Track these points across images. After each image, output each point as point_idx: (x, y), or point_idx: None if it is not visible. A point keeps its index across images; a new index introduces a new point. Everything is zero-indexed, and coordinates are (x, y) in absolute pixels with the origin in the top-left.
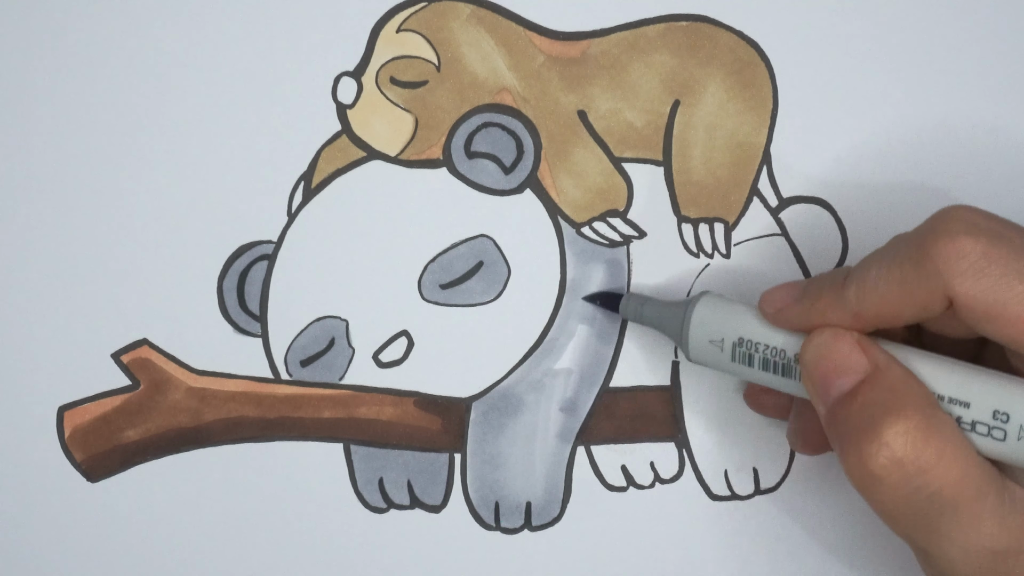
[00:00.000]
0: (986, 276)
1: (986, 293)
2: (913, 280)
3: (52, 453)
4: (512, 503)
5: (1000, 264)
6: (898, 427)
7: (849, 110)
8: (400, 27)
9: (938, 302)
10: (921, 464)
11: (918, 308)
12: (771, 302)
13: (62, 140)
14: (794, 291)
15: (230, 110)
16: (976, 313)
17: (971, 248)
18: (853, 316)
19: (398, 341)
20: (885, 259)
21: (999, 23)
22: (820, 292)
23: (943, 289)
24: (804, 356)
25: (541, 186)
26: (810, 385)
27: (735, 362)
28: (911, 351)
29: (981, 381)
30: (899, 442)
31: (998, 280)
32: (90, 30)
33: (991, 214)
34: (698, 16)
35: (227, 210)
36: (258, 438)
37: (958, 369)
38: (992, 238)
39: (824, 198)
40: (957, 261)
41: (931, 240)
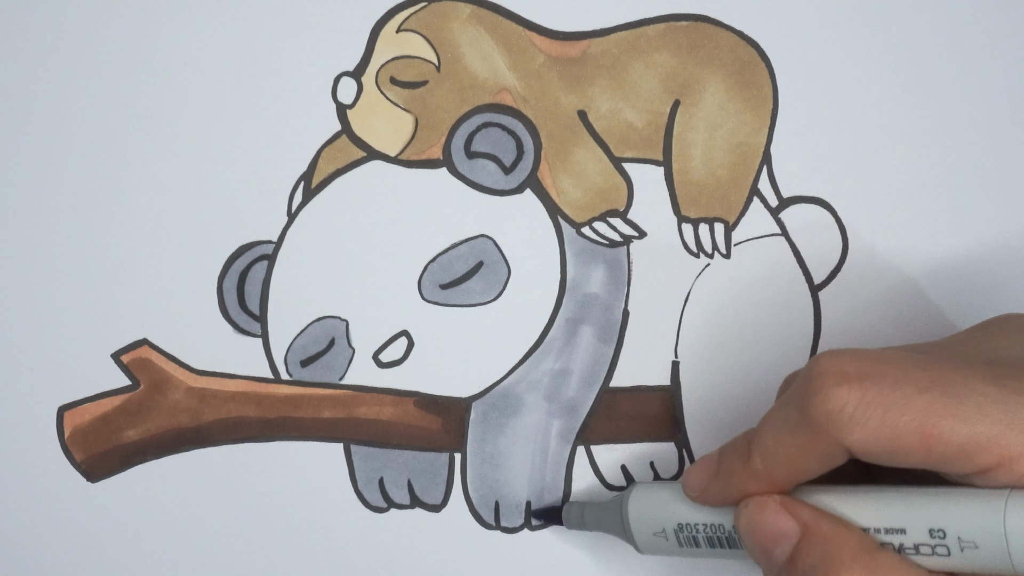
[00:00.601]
0: (870, 420)
1: (876, 436)
2: (807, 442)
3: (52, 453)
4: (512, 503)
5: (879, 406)
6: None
7: (849, 110)
8: (400, 27)
9: (839, 454)
10: None
11: (822, 463)
12: (692, 485)
13: (62, 140)
14: (709, 468)
15: (230, 110)
16: (875, 456)
17: (846, 398)
18: (767, 483)
19: (398, 341)
20: (777, 425)
21: (999, 23)
22: (731, 466)
23: (836, 444)
24: (739, 530)
25: (541, 186)
26: (753, 557)
27: (683, 547)
28: (836, 492)
29: (910, 504)
30: None
31: (883, 420)
32: (90, 30)
33: (859, 353)
34: (698, 16)
35: (227, 210)
36: (258, 438)
37: (885, 498)
38: (863, 382)
39: (824, 198)
40: (838, 415)
41: (808, 401)
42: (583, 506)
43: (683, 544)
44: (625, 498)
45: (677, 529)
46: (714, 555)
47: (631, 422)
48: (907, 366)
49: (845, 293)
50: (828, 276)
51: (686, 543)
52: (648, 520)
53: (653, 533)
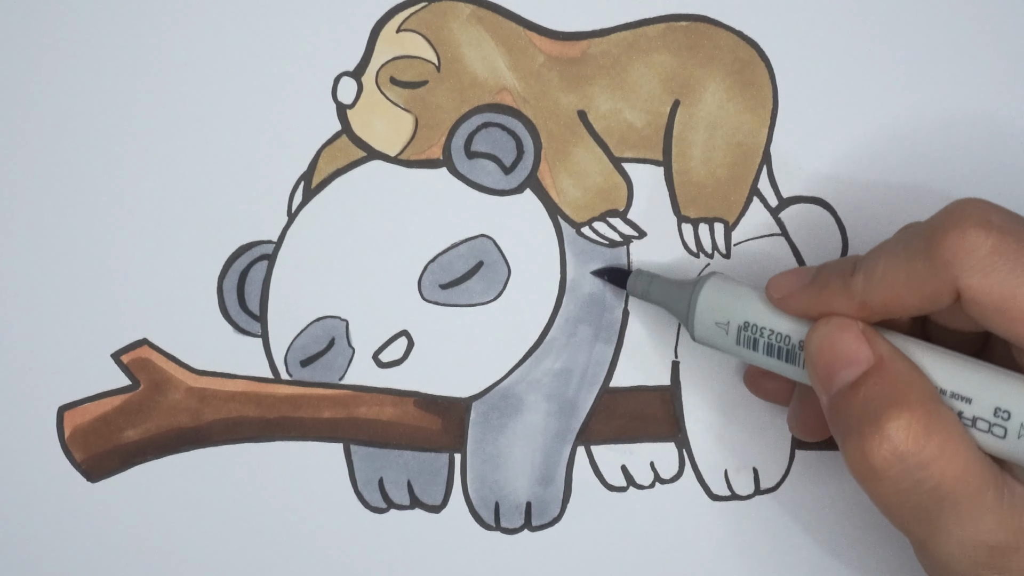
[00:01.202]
0: (996, 271)
1: (995, 288)
2: (922, 272)
3: (52, 453)
4: (512, 503)
5: (1010, 259)
6: (900, 420)
7: (849, 110)
8: (400, 27)
9: (946, 295)
10: (922, 458)
11: (926, 300)
12: (778, 287)
13: (62, 140)
14: (802, 278)
15: (230, 110)
16: (984, 308)
17: (981, 242)
18: (860, 305)
19: (398, 341)
20: (894, 250)
21: (999, 22)
22: (828, 280)
23: (952, 282)
24: (809, 345)
25: (541, 186)
26: (814, 374)
27: (739, 345)
28: (916, 343)
29: (984, 377)
30: (901, 436)
31: (1007, 275)
32: (90, 30)
33: (1004, 209)
34: (698, 16)
35: (227, 210)
36: (258, 438)
37: (961, 364)
38: (1003, 233)
39: (824, 198)
40: (967, 255)
41: (941, 233)
42: (652, 277)
43: (741, 343)
44: (701, 282)
45: (742, 326)
46: (765, 363)
47: (631, 422)
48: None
49: None
50: None
51: (744, 343)
52: (717, 308)
53: (716, 322)
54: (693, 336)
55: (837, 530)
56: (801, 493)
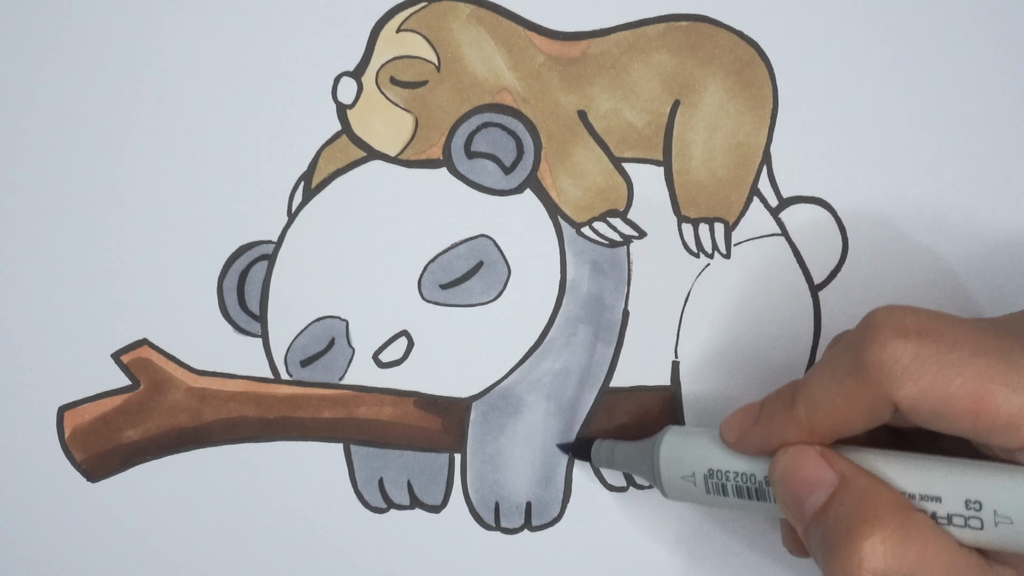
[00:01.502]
0: (922, 377)
1: (926, 394)
2: (855, 392)
3: (52, 453)
4: (512, 503)
5: (934, 362)
6: (874, 538)
7: (849, 110)
8: (400, 27)
9: (884, 409)
10: (906, 569)
11: (867, 416)
12: (730, 431)
13: (62, 140)
14: (750, 415)
15: (230, 110)
16: (921, 414)
17: (902, 352)
18: (808, 433)
19: (398, 341)
20: (825, 373)
21: (999, 23)
22: (773, 414)
23: (885, 396)
24: (773, 476)
25: (541, 186)
26: (784, 505)
27: (710, 494)
28: (875, 453)
29: (949, 473)
30: (878, 552)
31: (934, 379)
32: (90, 30)
33: (919, 311)
34: (698, 16)
35: (227, 210)
36: (258, 438)
37: (924, 465)
38: (921, 337)
39: (824, 198)
40: (891, 367)
41: (862, 349)
42: (614, 444)
43: (711, 491)
44: (658, 440)
45: (707, 475)
46: (740, 506)
47: (631, 422)
48: (966, 328)
49: (845, 293)
50: (828, 276)
51: (714, 490)
52: (679, 463)
53: (682, 477)
54: (666, 496)
55: None
56: None
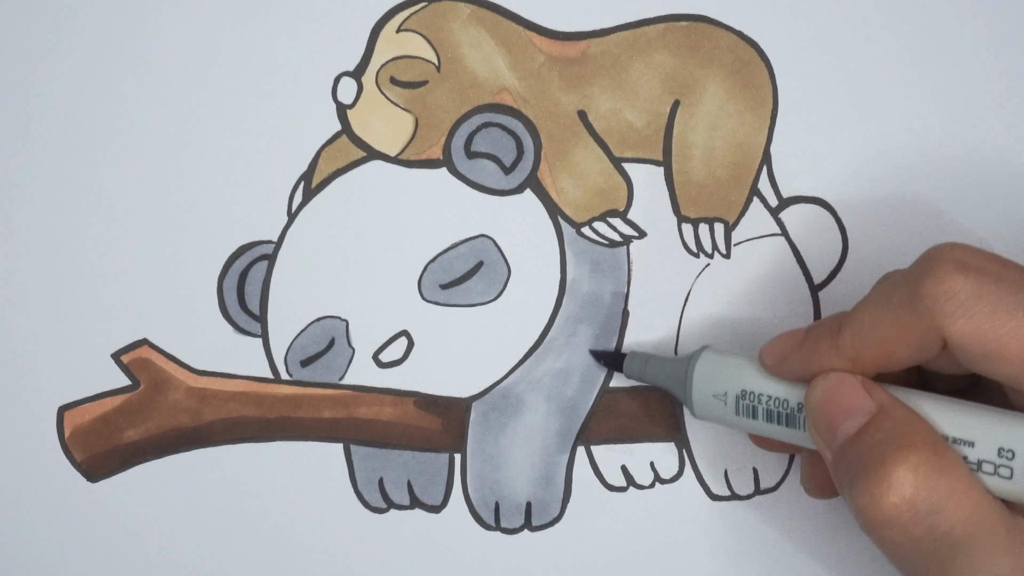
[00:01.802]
0: (977, 314)
1: (978, 332)
2: (906, 323)
3: (52, 453)
4: (512, 503)
5: (990, 301)
6: (908, 464)
7: (849, 110)
8: (400, 27)
9: (933, 343)
10: (933, 502)
11: (914, 350)
12: (771, 353)
13: (62, 140)
14: (793, 340)
15: (230, 110)
16: (970, 352)
17: (960, 287)
18: (851, 362)
19: (398, 341)
20: (877, 303)
21: (999, 24)
22: (817, 340)
23: (936, 330)
24: (809, 400)
25: (541, 186)
26: (816, 430)
27: (739, 415)
28: (913, 393)
29: (985, 419)
30: (909, 479)
31: (989, 318)
32: (90, 30)
33: (980, 250)
34: (698, 16)
35: (227, 210)
36: (258, 438)
37: (961, 408)
38: (980, 275)
39: (824, 198)
40: (947, 301)
41: (919, 281)
42: (648, 357)
43: (740, 412)
44: (695, 356)
45: (740, 395)
46: (766, 431)
47: (631, 422)
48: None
49: (845, 293)
50: (828, 276)
51: (744, 412)
52: (713, 380)
53: (713, 395)
54: (693, 412)
55: (837, 530)
56: (801, 493)
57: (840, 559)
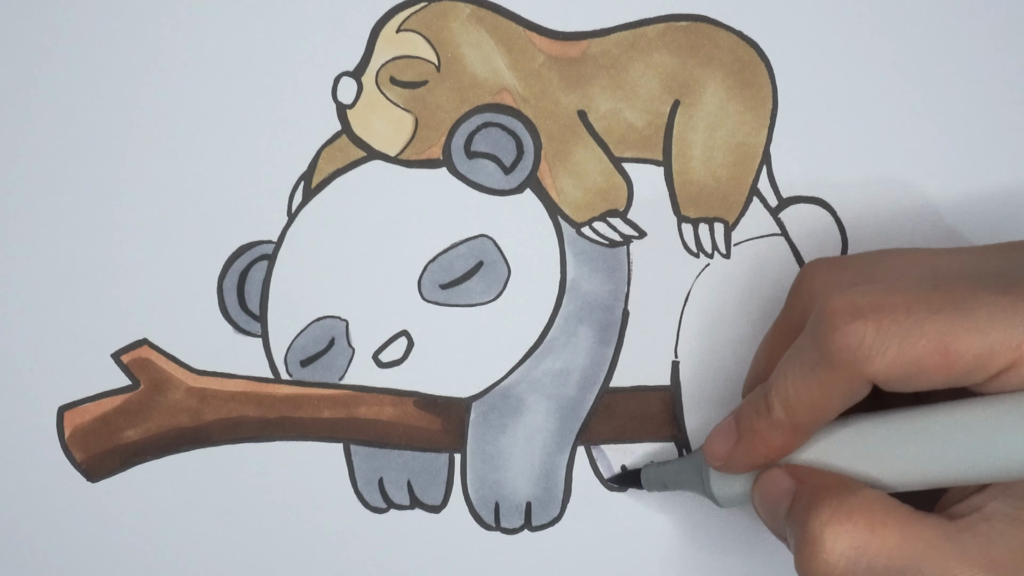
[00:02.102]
0: (889, 348)
1: (897, 362)
2: (829, 380)
3: (52, 453)
4: (512, 503)
5: (895, 332)
6: (820, 519)
7: (849, 110)
8: (400, 27)
9: (861, 388)
10: (856, 544)
11: (844, 400)
12: (714, 455)
13: (62, 140)
14: (728, 435)
15: (230, 110)
16: (898, 381)
17: (863, 331)
18: (792, 432)
19: (398, 341)
20: (794, 370)
21: (1000, 24)
22: (752, 426)
23: (859, 377)
24: (754, 503)
25: (541, 186)
26: (769, 527)
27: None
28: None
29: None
30: (827, 533)
31: (901, 347)
32: (90, 30)
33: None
34: (698, 16)
35: (227, 210)
36: (258, 438)
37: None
38: (877, 312)
39: (824, 198)
40: (857, 348)
41: (825, 338)
42: (661, 468)
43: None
44: (702, 459)
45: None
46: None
47: (631, 422)
48: (916, 291)
49: None
50: None
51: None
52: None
53: (734, 493)
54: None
55: None
56: None
57: None
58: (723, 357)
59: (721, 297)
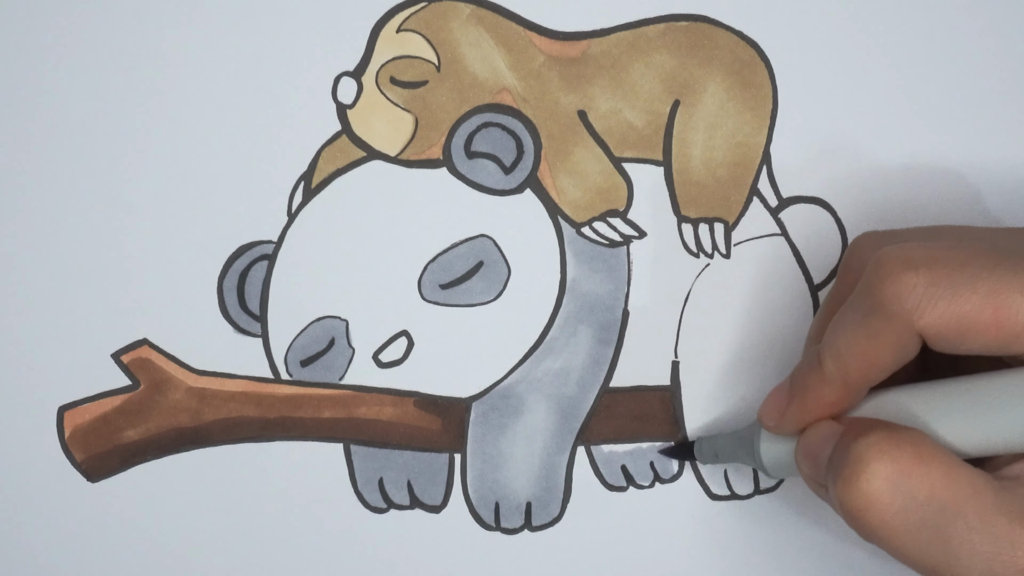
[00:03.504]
0: (940, 300)
1: (947, 316)
2: (880, 331)
3: (52, 453)
4: (512, 503)
5: (947, 285)
6: (867, 441)
7: (849, 110)
8: (400, 27)
9: (911, 342)
10: (901, 468)
11: (896, 354)
12: (769, 415)
13: (62, 140)
14: (782, 395)
15: (230, 110)
16: (947, 338)
17: (915, 281)
18: (843, 387)
19: (398, 341)
20: (846, 324)
21: (1000, 24)
22: (804, 383)
23: (909, 328)
24: (796, 457)
25: (541, 186)
26: (806, 477)
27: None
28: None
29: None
30: (872, 454)
31: (953, 300)
32: (90, 30)
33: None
34: (698, 16)
35: (227, 210)
36: (258, 438)
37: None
38: (931, 264)
39: (824, 198)
40: (908, 297)
41: (878, 288)
42: (714, 439)
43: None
44: (754, 429)
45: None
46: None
47: (631, 422)
48: (971, 250)
49: None
50: (828, 276)
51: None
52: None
53: (783, 459)
54: (770, 476)
55: (836, 530)
56: (801, 493)
57: (840, 559)
58: (723, 357)
59: (721, 297)
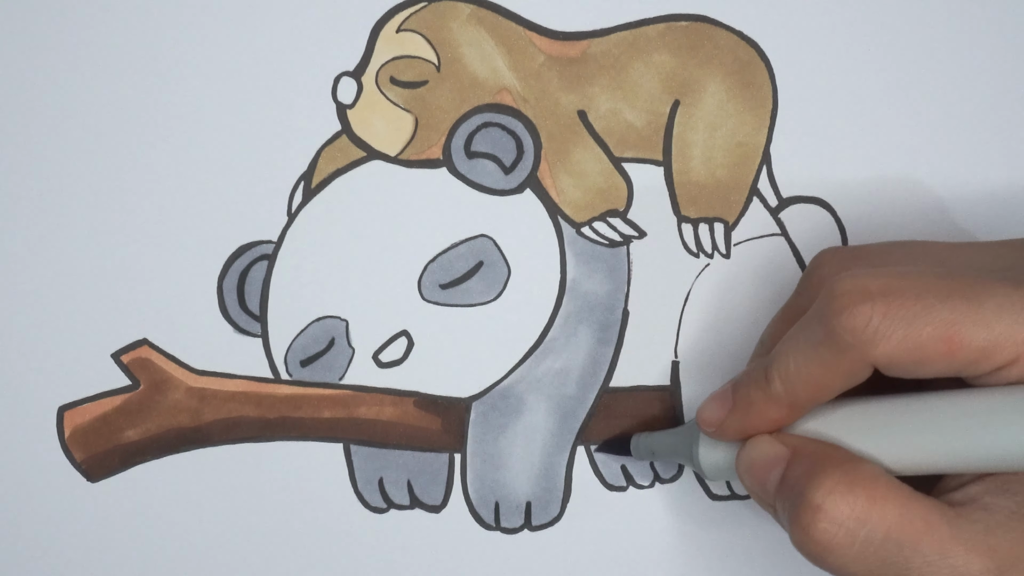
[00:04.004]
0: (895, 333)
1: (901, 348)
2: (832, 360)
3: (52, 453)
4: (512, 503)
5: (902, 317)
6: (823, 488)
7: (849, 110)
8: (400, 27)
9: (862, 370)
10: (857, 514)
11: (845, 381)
12: (707, 421)
13: (62, 140)
14: (724, 402)
15: (230, 110)
16: (901, 366)
17: (871, 313)
18: (788, 407)
19: (398, 341)
20: (798, 346)
21: (999, 23)
22: (749, 396)
23: (862, 360)
24: (739, 470)
25: (541, 186)
26: (753, 494)
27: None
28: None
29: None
30: (828, 501)
31: (907, 332)
32: (90, 30)
33: (879, 271)
34: (698, 16)
35: (227, 210)
36: (258, 438)
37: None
38: (887, 296)
39: (824, 198)
40: (864, 330)
41: (833, 319)
42: (651, 437)
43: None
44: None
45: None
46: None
47: (631, 422)
48: (926, 278)
49: None
50: None
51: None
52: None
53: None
54: (708, 479)
55: None
56: None
57: None
58: (723, 357)
59: (721, 297)
